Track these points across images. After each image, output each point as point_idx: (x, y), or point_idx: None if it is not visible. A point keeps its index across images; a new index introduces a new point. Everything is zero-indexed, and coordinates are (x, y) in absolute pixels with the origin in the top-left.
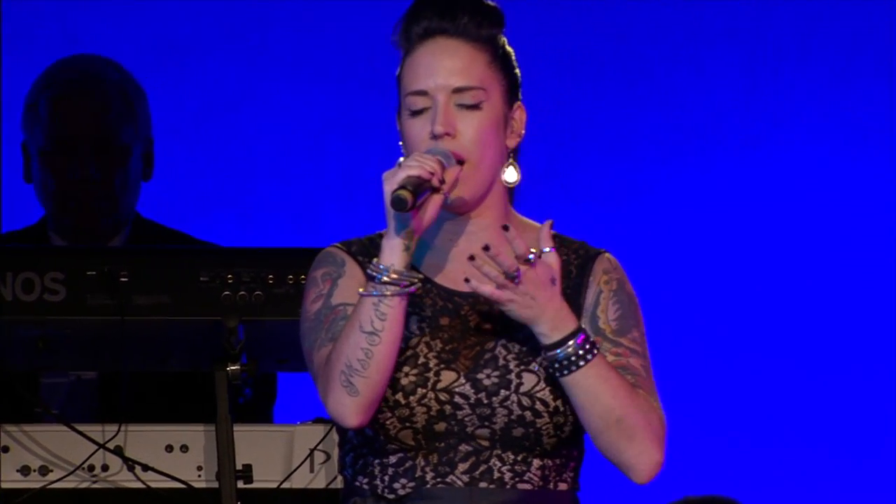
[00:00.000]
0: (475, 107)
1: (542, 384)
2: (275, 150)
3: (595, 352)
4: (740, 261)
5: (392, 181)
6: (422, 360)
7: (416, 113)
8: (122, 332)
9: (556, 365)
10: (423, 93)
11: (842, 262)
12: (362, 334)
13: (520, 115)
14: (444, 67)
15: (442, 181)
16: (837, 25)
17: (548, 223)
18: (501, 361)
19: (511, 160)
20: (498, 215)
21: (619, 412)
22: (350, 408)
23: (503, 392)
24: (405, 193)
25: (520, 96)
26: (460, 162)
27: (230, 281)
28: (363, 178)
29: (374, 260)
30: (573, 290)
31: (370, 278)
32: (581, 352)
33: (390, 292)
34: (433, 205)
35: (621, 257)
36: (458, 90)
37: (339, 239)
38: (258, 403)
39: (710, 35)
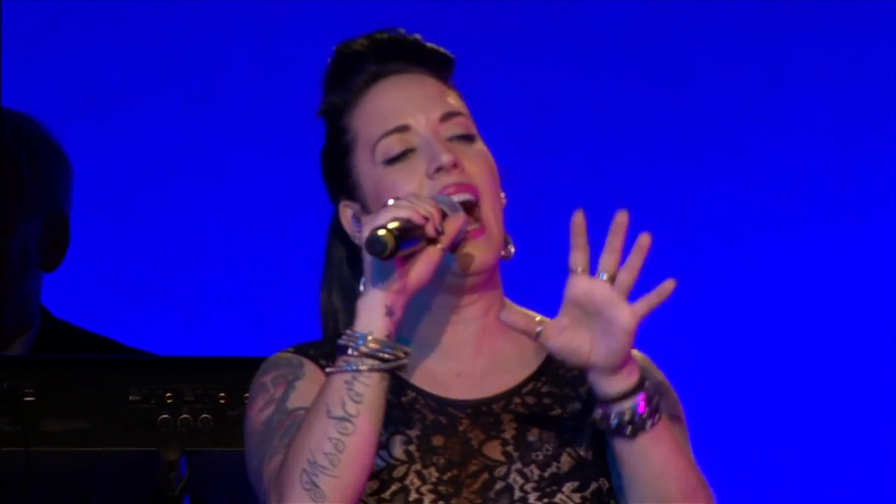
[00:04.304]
0: (469, 138)
1: None
2: (227, 228)
3: (661, 413)
4: (847, 366)
5: (372, 222)
6: (414, 496)
7: (395, 160)
8: (27, 467)
9: (636, 418)
10: (403, 129)
11: None
12: (331, 421)
13: None
14: (419, 96)
15: (440, 231)
16: None
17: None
18: (518, 493)
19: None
20: (495, 297)
21: (685, 489)
22: None
23: None
24: (386, 235)
25: None
26: (473, 205)
27: (169, 400)
28: None
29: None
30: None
31: (340, 350)
32: (653, 405)
33: (366, 367)
34: (427, 260)
35: (684, 365)
36: (445, 117)
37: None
38: None
39: (793, 80)
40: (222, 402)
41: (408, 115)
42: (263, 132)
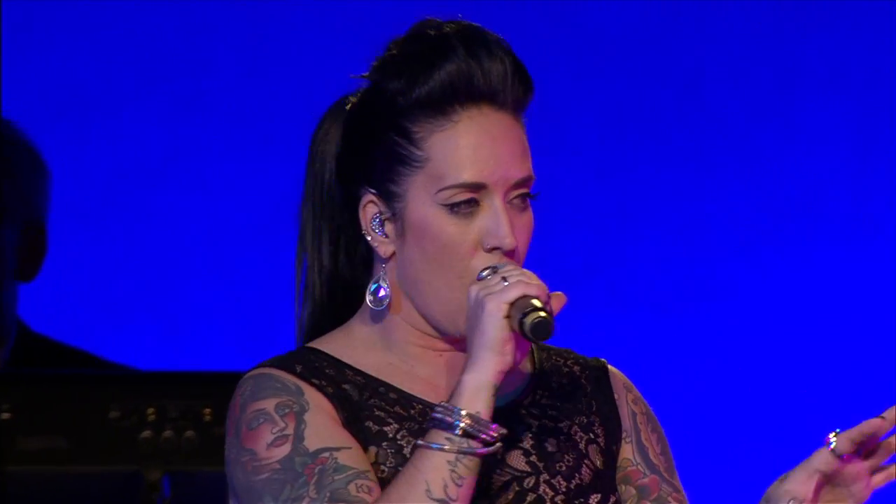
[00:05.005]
0: (525, 201)
1: None
2: (212, 237)
3: None
4: (865, 379)
5: (502, 297)
6: None
7: (458, 208)
8: (2, 488)
9: None
10: (480, 186)
11: None
12: (431, 502)
13: None
14: (505, 154)
15: (550, 311)
16: None
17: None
18: None
19: None
20: None
21: None
22: None
23: None
24: (551, 319)
25: None
26: None
27: (151, 418)
28: None
29: (443, 402)
30: (606, 407)
31: (443, 425)
32: None
33: (471, 448)
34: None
35: (694, 377)
36: (520, 183)
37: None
38: None
39: (807, 84)
40: (207, 418)
41: (489, 173)
42: (250, 138)
